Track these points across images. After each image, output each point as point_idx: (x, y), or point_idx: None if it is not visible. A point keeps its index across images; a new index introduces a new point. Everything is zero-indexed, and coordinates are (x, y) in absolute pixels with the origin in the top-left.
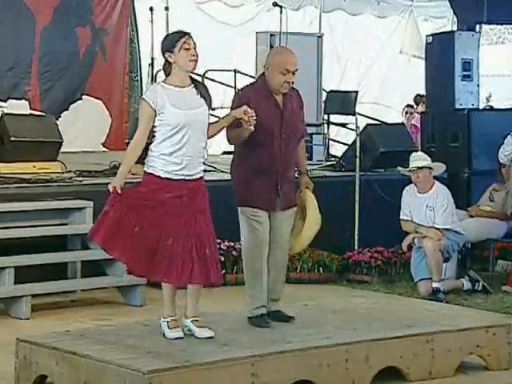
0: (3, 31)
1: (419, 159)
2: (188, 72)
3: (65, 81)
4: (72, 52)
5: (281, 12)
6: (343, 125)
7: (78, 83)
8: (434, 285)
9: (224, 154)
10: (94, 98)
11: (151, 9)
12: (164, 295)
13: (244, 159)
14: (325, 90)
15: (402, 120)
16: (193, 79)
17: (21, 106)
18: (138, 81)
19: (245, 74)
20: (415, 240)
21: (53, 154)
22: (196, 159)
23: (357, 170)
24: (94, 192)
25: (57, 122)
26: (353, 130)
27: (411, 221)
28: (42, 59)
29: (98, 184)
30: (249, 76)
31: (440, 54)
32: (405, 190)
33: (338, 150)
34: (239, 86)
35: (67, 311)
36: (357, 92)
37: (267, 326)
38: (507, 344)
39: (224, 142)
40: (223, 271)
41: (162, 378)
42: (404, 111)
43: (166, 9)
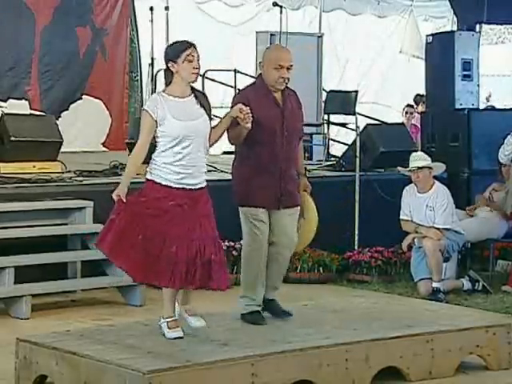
0: (3, 31)
1: (419, 159)
2: (189, 83)
3: (65, 81)
4: (72, 52)
5: (281, 12)
6: (343, 125)
7: (78, 83)
8: (434, 285)
9: (224, 153)
10: (94, 97)
11: (151, 9)
12: (164, 295)
13: (245, 159)
14: (325, 90)
15: (402, 120)
16: (193, 88)
17: (21, 106)
18: (137, 81)
19: (245, 73)
20: (415, 240)
21: (53, 154)
22: (198, 169)
23: (357, 169)
24: (94, 192)
25: (57, 121)
26: (353, 129)
27: (411, 221)
28: (42, 59)
29: (97, 184)
30: (249, 76)
31: (440, 54)
32: (405, 189)
33: (338, 149)
34: (239, 86)
35: (67, 311)
36: (357, 92)
37: (262, 322)
38: (507, 344)
39: (224, 141)
40: None
41: (161, 378)
42: (404, 111)
43: (166, 8)
